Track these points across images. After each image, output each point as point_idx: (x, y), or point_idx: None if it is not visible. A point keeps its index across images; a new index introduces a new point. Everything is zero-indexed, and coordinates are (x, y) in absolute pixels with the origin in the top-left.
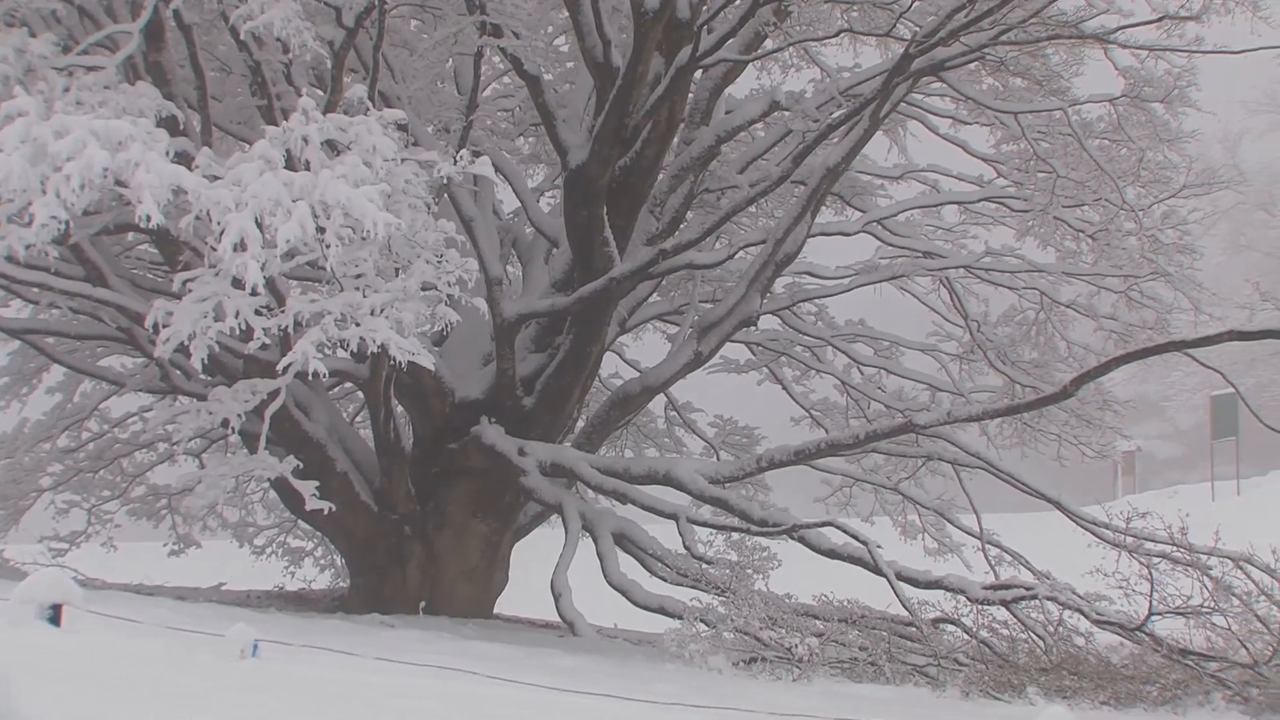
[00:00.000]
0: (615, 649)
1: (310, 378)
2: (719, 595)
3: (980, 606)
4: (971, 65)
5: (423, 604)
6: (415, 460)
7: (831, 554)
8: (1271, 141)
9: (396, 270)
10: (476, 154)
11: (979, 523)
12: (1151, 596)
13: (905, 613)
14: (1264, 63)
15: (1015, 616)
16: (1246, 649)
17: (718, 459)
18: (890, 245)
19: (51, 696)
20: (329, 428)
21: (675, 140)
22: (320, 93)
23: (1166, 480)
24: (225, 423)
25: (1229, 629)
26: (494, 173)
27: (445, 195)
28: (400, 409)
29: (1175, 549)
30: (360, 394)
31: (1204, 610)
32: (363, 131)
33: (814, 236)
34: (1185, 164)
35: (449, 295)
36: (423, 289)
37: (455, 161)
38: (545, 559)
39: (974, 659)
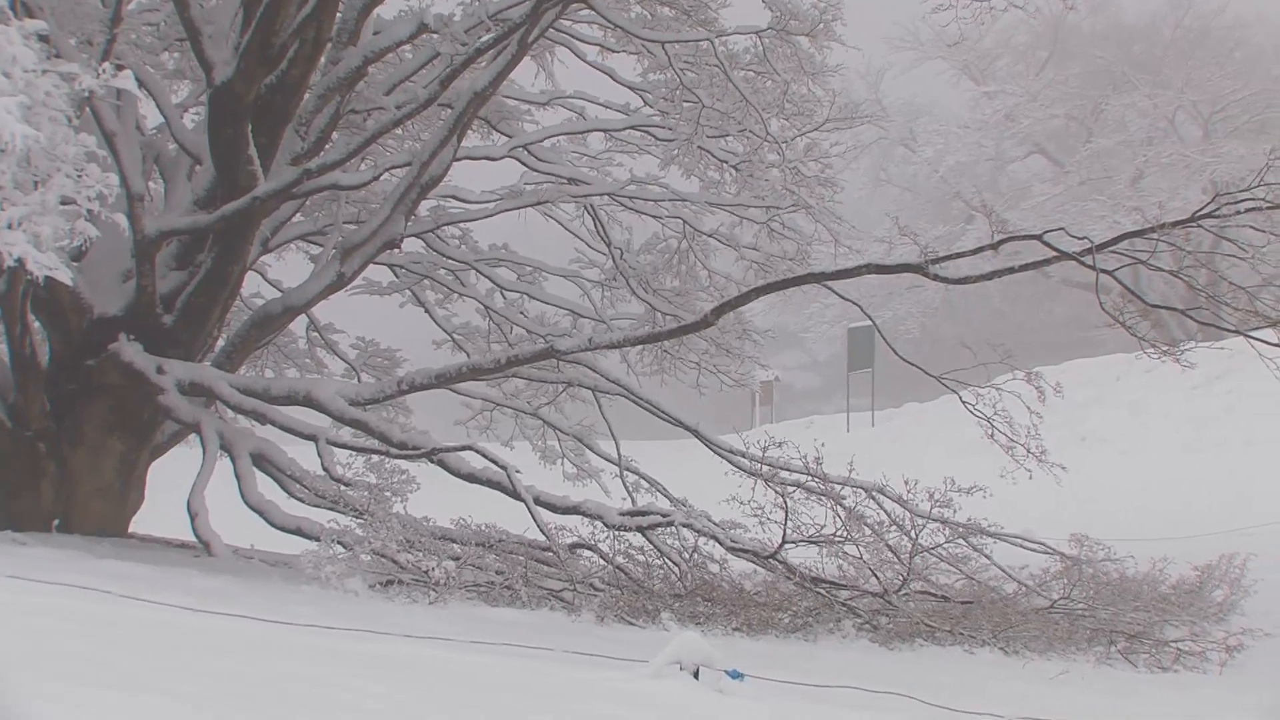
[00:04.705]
0: (252, 570)
1: None
2: (357, 517)
3: (617, 532)
4: None
5: (56, 522)
6: (51, 377)
7: (471, 478)
8: (913, 78)
9: (35, 183)
10: (120, 68)
11: (618, 449)
12: (786, 525)
13: (543, 538)
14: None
15: (651, 543)
16: (877, 578)
17: (359, 381)
18: (536, 171)
19: None
20: None
21: (322, 60)
22: None
23: (803, 410)
24: None
25: (861, 558)
26: (137, 87)
27: (87, 109)
28: (37, 324)
29: (810, 478)
30: None
31: (837, 539)
32: (2, 41)
33: (460, 160)
34: (829, 98)
35: (89, 210)
36: (62, 203)
37: (98, 75)
38: (183, 478)
39: (609, 584)
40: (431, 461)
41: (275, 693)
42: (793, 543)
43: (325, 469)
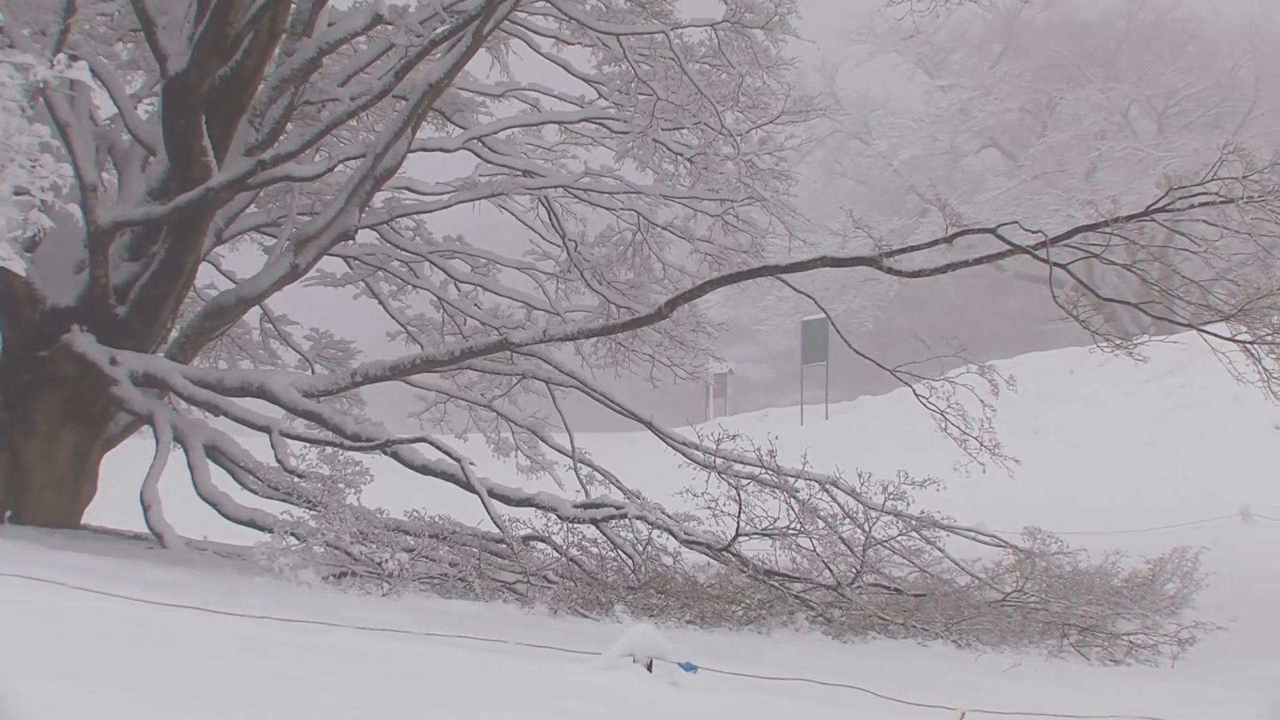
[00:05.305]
0: (205, 562)
1: None
2: (310, 509)
3: (571, 525)
4: None
5: (8, 513)
6: (3, 368)
7: (424, 470)
8: (868, 71)
9: None
10: (74, 58)
11: (571, 441)
12: (739, 517)
13: (496, 530)
14: None
15: (605, 535)
16: (830, 570)
17: (312, 372)
18: (490, 163)
19: None
20: None
21: (277, 51)
22: None
23: (757, 403)
24: None
25: (814, 551)
26: (91, 78)
27: (41, 99)
28: None
29: (763, 471)
30: None
31: (790, 532)
32: None
33: (414, 152)
34: (783, 91)
35: (43, 201)
36: (16, 194)
37: (52, 65)
38: (136, 470)
39: (563, 576)
40: (385, 453)
41: (230, 685)
42: (746, 535)
43: (279, 461)
